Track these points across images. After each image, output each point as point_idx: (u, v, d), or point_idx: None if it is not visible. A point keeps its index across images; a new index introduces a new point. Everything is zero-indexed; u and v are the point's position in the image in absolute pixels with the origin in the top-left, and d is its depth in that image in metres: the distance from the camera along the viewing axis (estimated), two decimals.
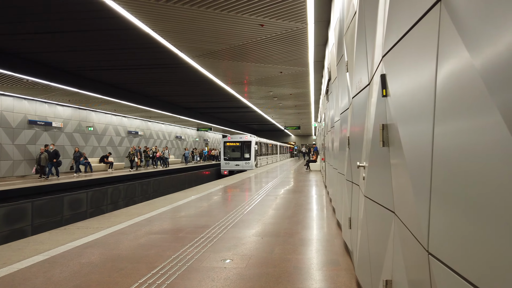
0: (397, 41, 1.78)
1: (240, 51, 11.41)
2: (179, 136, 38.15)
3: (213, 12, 8.12)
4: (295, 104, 24.45)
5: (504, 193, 0.83)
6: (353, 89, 3.66)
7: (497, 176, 0.86)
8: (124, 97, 19.25)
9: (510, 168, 0.80)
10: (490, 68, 0.88)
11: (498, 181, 0.86)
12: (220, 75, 15.28)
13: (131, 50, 11.93)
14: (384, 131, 2.04)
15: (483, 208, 0.94)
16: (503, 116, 0.81)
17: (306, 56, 12.18)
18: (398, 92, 1.82)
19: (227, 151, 28.57)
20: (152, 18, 8.51)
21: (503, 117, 0.81)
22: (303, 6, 7.98)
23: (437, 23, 1.29)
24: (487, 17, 0.91)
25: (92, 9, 8.20)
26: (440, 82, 1.26)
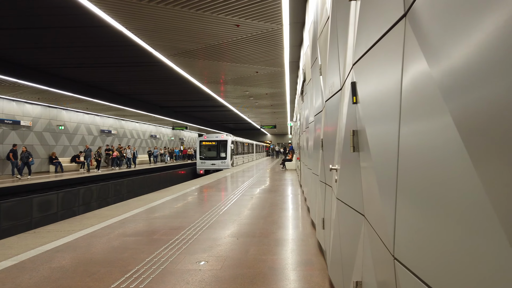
0: (366, 51, 1.84)
1: (216, 50, 11.37)
2: (153, 135, 37.59)
3: (188, 11, 8.06)
4: (271, 103, 24.58)
5: (455, 191, 0.90)
6: (327, 92, 3.73)
7: (452, 175, 0.94)
8: (96, 95, 18.79)
9: (461, 165, 0.88)
10: (444, 78, 0.96)
11: (453, 180, 0.93)
12: (196, 74, 15.17)
13: (104, 48, 11.67)
14: (355, 136, 2.11)
15: (442, 212, 1.00)
16: (453, 119, 0.90)
17: (281, 57, 12.28)
18: (367, 100, 1.89)
19: (203, 150, 28.39)
20: (125, 16, 8.35)
21: (453, 120, 0.90)
22: (278, 8, 8.04)
23: (402, 36, 1.36)
24: (442, 34, 0.98)
25: (63, 5, 7.97)
26: (405, 90, 1.33)
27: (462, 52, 0.87)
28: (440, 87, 0.98)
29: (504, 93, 0.69)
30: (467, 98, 0.84)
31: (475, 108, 0.80)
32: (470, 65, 0.82)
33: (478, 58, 0.79)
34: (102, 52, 12.19)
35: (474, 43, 0.81)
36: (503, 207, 0.71)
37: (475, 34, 0.80)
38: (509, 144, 0.68)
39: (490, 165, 0.76)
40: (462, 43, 0.87)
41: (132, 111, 24.48)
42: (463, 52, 0.86)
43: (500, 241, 0.71)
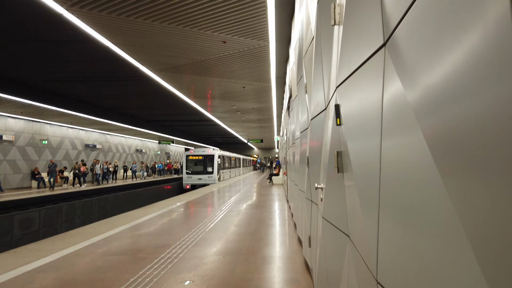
0: (349, 75, 1.89)
1: (203, 66, 11.43)
2: (139, 149, 37.23)
3: (175, 27, 8.12)
4: (258, 118, 24.70)
5: (429, 208, 0.94)
6: (312, 109, 3.79)
7: (425, 192, 1.01)
8: (81, 109, 18.59)
9: (432, 182, 0.95)
10: (416, 100, 1.05)
11: (425, 197, 1.01)
12: (183, 89, 15.18)
13: (90, 62, 11.61)
14: (339, 157, 2.14)
15: (422, 234, 1.02)
16: (424, 136, 0.99)
17: (268, 72, 12.41)
18: (350, 122, 1.93)
19: (190, 164, 28.17)
20: (112, 32, 8.36)
21: (424, 137, 0.99)
22: (264, 25, 8.16)
23: (382, 63, 1.41)
24: (416, 63, 1.04)
25: (49, 19, 7.93)
26: (385, 114, 1.37)
27: (431, 79, 0.95)
28: (413, 109, 1.06)
29: (469, 114, 0.76)
30: (436, 118, 0.92)
31: (443, 127, 0.89)
32: (439, 90, 0.90)
33: (445, 85, 0.86)
34: (88, 67, 12.12)
35: (443, 72, 0.88)
36: (471, 224, 0.74)
37: (444, 64, 0.87)
38: (474, 160, 0.74)
39: (457, 181, 0.83)
40: (433, 71, 0.94)
41: (118, 125, 24.26)
42: (433, 79, 0.94)
43: (467, 258, 0.73)
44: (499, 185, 0.66)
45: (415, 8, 1.06)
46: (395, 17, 1.22)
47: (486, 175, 0.70)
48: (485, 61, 0.69)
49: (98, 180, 23.24)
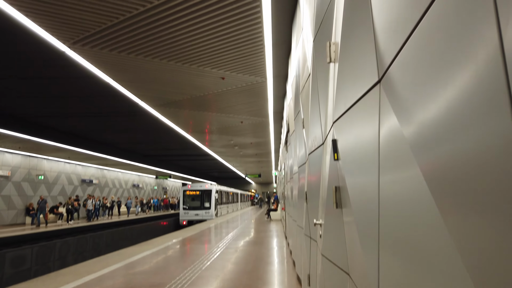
0: (345, 111, 1.91)
1: (202, 101, 11.59)
2: (136, 184, 36.92)
3: (175, 64, 8.30)
4: (255, 152, 24.75)
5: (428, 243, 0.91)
6: (309, 144, 3.80)
7: (424, 227, 0.99)
8: (80, 144, 18.61)
9: (430, 216, 0.94)
10: (412, 136, 1.06)
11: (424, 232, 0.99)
12: (181, 124, 15.30)
13: (90, 98, 11.75)
14: (337, 193, 2.12)
15: (423, 271, 0.99)
16: (422, 171, 0.98)
17: (266, 107, 12.57)
18: (348, 157, 1.93)
19: (187, 200, 27.84)
20: (113, 68, 8.53)
21: (422, 172, 0.98)
22: (262, 62, 8.36)
23: (377, 100, 1.43)
24: (411, 99, 1.05)
25: (51, 57, 8.10)
26: (382, 149, 1.37)
27: (427, 115, 0.96)
28: (410, 144, 1.07)
29: (463, 149, 0.77)
30: (432, 154, 0.93)
31: (440, 163, 0.89)
32: (434, 126, 0.91)
33: (440, 121, 0.87)
34: (88, 102, 12.26)
35: (437, 108, 0.89)
36: (473, 261, 0.72)
37: (438, 101, 0.88)
38: (472, 195, 0.74)
39: (456, 217, 0.82)
40: (428, 107, 0.96)
41: (115, 160, 24.20)
42: (428, 115, 0.95)
43: None
44: (498, 220, 0.65)
45: (408, 47, 1.09)
46: (389, 55, 1.25)
47: (485, 210, 0.69)
48: (477, 98, 0.70)
49: (88, 217, 22.51)
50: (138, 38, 6.88)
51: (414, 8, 1.02)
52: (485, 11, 0.68)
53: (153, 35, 6.78)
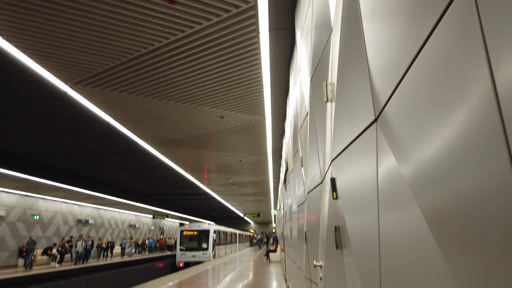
0: (343, 149, 1.91)
1: (201, 140, 11.65)
2: (133, 224, 36.23)
3: (174, 104, 8.43)
4: (254, 191, 24.55)
5: None
6: (308, 182, 3.77)
7: (427, 269, 0.96)
8: (77, 183, 18.48)
9: (433, 257, 0.91)
10: (410, 175, 1.05)
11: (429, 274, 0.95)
12: (179, 163, 15.29)
13: (89, 137, 11.82)
14: (337, 233, 2.07)
15: None
16: (422, 211, 0.96)
17: (264, 146, 12.63)
18: (346, 196, 1.91)
19: (184, 240, 27.17)
20: (113, 108, 8.65)
21: (422, 212, 0.96)
22: (260, 102, 8.50)
23: (374, 138, 1.43)
24: (408, 138, 1.06)
25: (52, 96, 8.22)
26: (381, 188, 1.36)
27: (424, 154, 0.96)
28: (409, 183, 1.05)
29: (462, 189, 0.76)
30: (431, 194, 0.92)
31: (439, 202, 0.87)
32: (431, 165, 0.90)
33: (437, 160, 0.87)
34: (87, 141, 12.31)
35: (434, 147, 0.89)
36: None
37: (435, 140, 0.88)
38: (473, 236, 0.72)
39: (458, 258, 0.80)
40: (425, 146, 0.96)
41: (113, 200, 23.92)
42: (425, 154, 0.95)
43: None
44: (500, 260, 0.63)
45: (402, 86, 1.11)
46: (384, 94, 1.27)
47: (487, 250, 0.67)
48: (473, 137, 0.71)
49: (76, 259, 21.35)
50: (139, 78, 7.03)
51: (407, 49, 1.05)
52: (476, 52, 0.70)
53: (154, 75, 6.94)
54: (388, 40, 1.23)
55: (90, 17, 5.09)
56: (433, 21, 0.87)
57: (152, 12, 5.02)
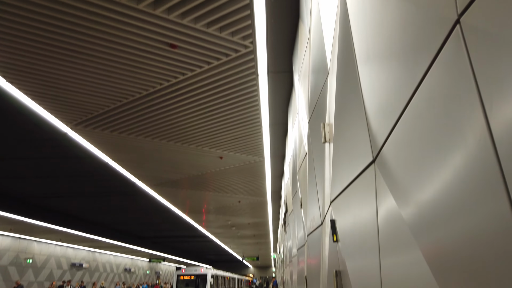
0: (342, 190, 1.89)
1: (200, 180, 11.58)
2: (128, 268, 35.11)
3: (174, 144, 8.46)
4: (253, 233, 24.05)
5: None
6: (308, 224, 3.71)
7: None
8: (73, 225, 18.12)
9: None
10: (411, 218, 1.03)
11: None
12: (178, 204, 15.09)
13: (88, 178, 11.75)
14: (338, 278, 2.00)
15: None
16: (423, 254, 0.94)
17: (263, 187, 12.54)
18: (347, 239, 1.86)
19: (180, 285, 26.18)
20: (113, 148, 8.67)
21: (423, 255, 0.94)
22: (260, 142, 8.55)
23: (373, 179, 1.42)
24: (407, 179, 1.04)
25: (52, 137, 8.26)
26: (381, 230, 1.33)
27: (423, 196, 0.94)
28: (408, 225, 1.03)
29: (462, 231, 0.74)
30: (432, 236, 0.90)
31: (440, 245, 0.85)
32: (431, 207, 0.89)
33: (436, 202, 0.85)
34: (85, 182, 12.22)
35: (433, 189, 0.88)
36: None
37: (433, 182, 0.87)
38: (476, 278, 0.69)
39: None
40: (423, 188, 0.94)
41: (108, 242, 23.34)
42: (424, 196, 0.93)
43: None
44: None
45: (398, 128, 1.11)
46: (381, 136, 1.28)
47: None
48: (471, 179, 0.70)
49: None
50: (139, 119, 7.11)
51: (401, 92, 1.07)
52: (469, 94, 0.71)
53: (154, 116, 7.02)
54: (383, 83, 1.26)
55: (94, 60, 5.23)
56: (426, 65, 0.90)
57: (154, 56, 5.17)
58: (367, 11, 1.41)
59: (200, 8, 4.32)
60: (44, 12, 4.23)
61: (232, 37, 4.83)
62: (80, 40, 4.74)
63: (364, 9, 1.46)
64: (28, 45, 4.83)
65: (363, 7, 1.46)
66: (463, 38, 0.73)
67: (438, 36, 0.83)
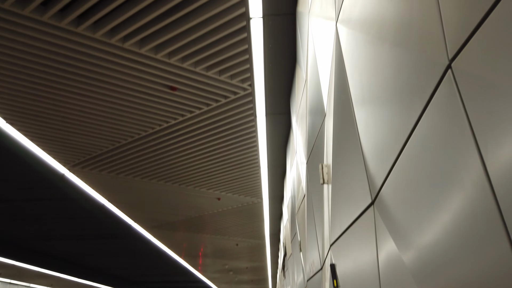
0: (341, 233, 1.86)
1: (196, 222, 11.38)
2: None
3: (171, 185, 8.41)
4: (251, 278, 23.27)
5: None
6: (307, 269, 3.59)
7: None
8: (66, 270, 17.56)
9: None
10: (412, 262, 1.00)
11: None
12: (173, 247, 14.72)
13: (83, 220, 11.53)
14: None
15: None
16: None
17: (262, 229, 12.30)
18: (348, 285, 1.80)
19: None
20: (109, 189, 8.59)
21: None
22: (258, 183, 8.50)
23: (372, 222, 1.40)
24: (406, 221, 1.03)
25: (48, 178, 8.20)
26: (382, 275, 1.28)
27: (424, 239, 0.92)
28: (410, 270, 1.00)
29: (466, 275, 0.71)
30: (435, 282, 0.86)
31: None
32: (432, 250, 0.86)
33: (438, 245, 0.83)
34: (81, 224, 11.99)
35: (433, 232, 0.86)
36: None
37: (433, 224, 0.85)
38: None
39: None
40: (424, 231, 0.92)
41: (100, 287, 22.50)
42: (425, 239, 0.91)
43: None
44: None
45: (396, 169, 1.11)
46: (379, 177, 1.27)
47: None
48: (470, 222, 0.69)
49: None
50: (137, 160, 7.11)
51: (397, 134, 1.08)
52: (464, 137, 0.71)
53: (152, 157, 7.03)
54: (379, 125, 1.27)
55: (93, 102, 5.32)
56: (420, 108, 0.91)
57: (154, 98, 5.27)
58: (360, 56, 1.46)
59: (200, 53, 4.46)
60: (44, 55, 4.35)
61: (231, 80, 4.95)
62: (80, 82, 4.85)
63: (358, 54, 1.50)
64: (28, 87, 4.93)
65: (357, 51, 1.51)
66: (455, 83, 0.75)
67: (430, 80, 0.85)
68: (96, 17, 3.89)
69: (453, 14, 0.76)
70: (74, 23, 3.96)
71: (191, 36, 4.18)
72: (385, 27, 1.16)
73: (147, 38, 4.25)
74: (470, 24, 0.69)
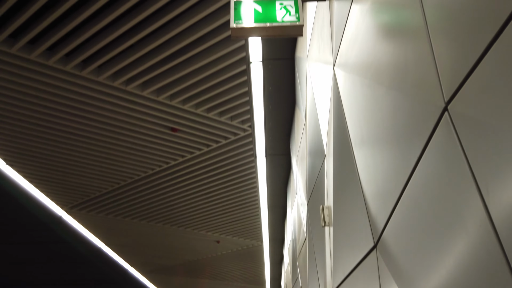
0: (344, 278, 1.79)
1: (195, 266, 11.06)
2: None
3: (170, 228, 8.26)
4: None
5: None
6: None
7: None
8: None
9: None
10: None
11: None
12: None
13: (78, 264, 11.21)
14: None
15: None
16: None
17: (262, 274, 11.92)
18: None
19: None
20: (106, 232, 8.43)
21: None
22: (258, 226, 8.35)
23: (376, 266, 1.35)
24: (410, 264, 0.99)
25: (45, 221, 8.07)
26: None
27: (427, 284, 0.89)
28: None
29: None
30: None
31: None
32: None
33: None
34: (75, 268, 11.64)
35: (438, 276, 0.83)
36: None
37: (438, 267, 0.83)
38: None
39: None
40: (427, 275, 0.90)
41: None
42: (429, 284, 0.88)
43: None
44: None
45: (397, 212, 1.09)
46: (381, 220, 1.25)
47: None
48: (476, 266, 0.67)
49: None
50: (136, 202, 7.04)
51: (397, 176, 1.07)
52: (465, 179, 0.71)
53: (151, 199, 6.96)
54: (379, 166, 1.27)
55: (93, 143, 5.35)
56: (419, 150, 0.91)
57: (154, 139, 5.31)
58: (358, 98, 1.48)
59: (201, 95, 4.55)
60: (48, 98, 4.43)
61: (231, 121, 5.01)
62: (81, 123, 4.91)
63: (355, 96, 1.53)
64: (30, 128, 4.98)
65: (355, 94, 1.54)
66: (453, 125, 0.76)
67: (428, 122, 0.86)
68: (100, 61, 4.00)
69: (448, 58, 0.78)
70: (79, 67, 4.07)
71: (193, 79, 4.29)
72: (382, 70, 1.19)
73: (149, 81, 4.35)
74: (464, 67, 0.71)
